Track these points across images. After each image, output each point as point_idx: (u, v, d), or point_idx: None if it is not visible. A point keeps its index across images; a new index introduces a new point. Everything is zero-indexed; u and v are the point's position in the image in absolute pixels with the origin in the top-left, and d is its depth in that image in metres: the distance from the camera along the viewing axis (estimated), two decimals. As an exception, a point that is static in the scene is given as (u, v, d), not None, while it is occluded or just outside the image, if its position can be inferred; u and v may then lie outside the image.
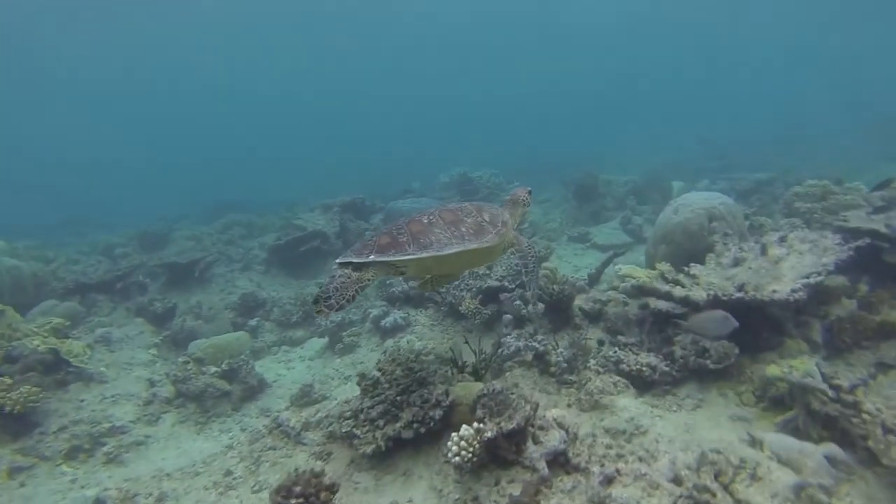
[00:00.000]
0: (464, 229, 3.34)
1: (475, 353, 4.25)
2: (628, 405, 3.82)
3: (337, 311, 2.92)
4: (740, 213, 5.43)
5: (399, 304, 6.80)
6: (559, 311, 5.01)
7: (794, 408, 3.27)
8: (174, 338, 7.21)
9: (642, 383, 4.04)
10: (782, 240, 4.59)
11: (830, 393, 3.02)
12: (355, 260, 3.11)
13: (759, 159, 18.22)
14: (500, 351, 4.53)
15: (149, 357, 6.47)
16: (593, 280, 6.25)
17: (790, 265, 4.23)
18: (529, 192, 4.10)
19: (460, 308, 5.84)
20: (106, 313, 7.72)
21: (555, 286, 4.92)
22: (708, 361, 3.90)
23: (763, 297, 3.65)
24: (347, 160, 32.58)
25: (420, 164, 26.91)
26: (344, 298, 2.94)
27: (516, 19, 48.85)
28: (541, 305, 5.03)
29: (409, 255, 3.15)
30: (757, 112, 34.67)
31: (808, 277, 3.86)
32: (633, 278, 4.67)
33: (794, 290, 3.67)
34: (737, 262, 4.72)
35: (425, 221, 3.34)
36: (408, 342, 6.05)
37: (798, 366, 3.48)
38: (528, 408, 3.08)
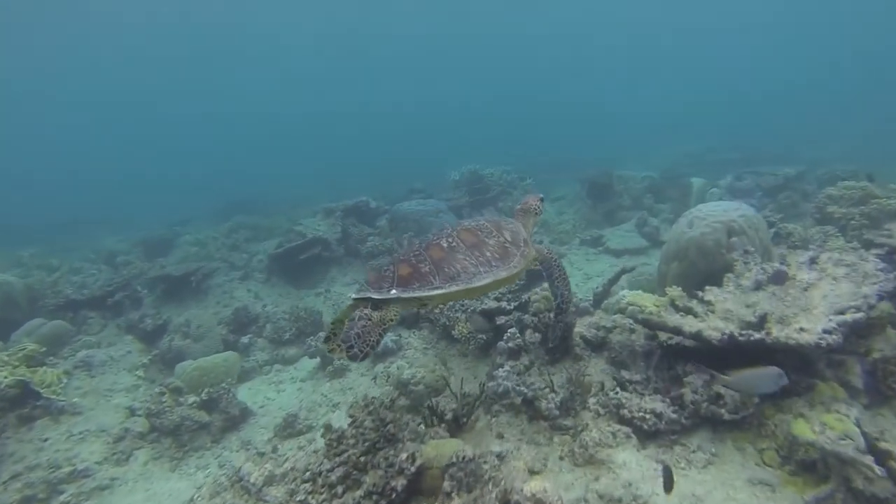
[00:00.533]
0: (488, 253, 3.08)
1: (456, 398, 3.80)
2: (628, 460, 3.32)
3: (361, 360, 2.66)
4: (763, 225, 4.81)
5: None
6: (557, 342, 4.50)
7: (828, 480, 2.72)
8: (163, 358, 6.95)
9: (646, 432, 3.53)
10: (813, 261, 3.99)
11: (878, 470, 2.46)
12: (375, 296, 2.77)
13: (785, 150, 17.21)
14: (483, 396, 4.06)
15: (133, 381, 6.20)
16: (599, 299, 5.71)
17: (822, 294, 3.64)
18: (541, 200, 3.88)
19: (453, 333, 5.39)
20: (96, 331, 7.51)
21: (551, 314, 4.41)
22: (723, 410, 3.37)
23: (787, 341, 3.09)
24: (360, 157, 32.32)
25: (432, 162, 26.50)
26: (368, 345, 2.66)
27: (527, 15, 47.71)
28: (537, 335, 4.54)
29: (436, 289, 2.83)
30: (780, 101, 33.33)
31: (843, 313, 3.28)
32: (639, 307, 4.13)
33: (826, 332, 3.09)
34: (759, 286, 4.13)
35: (445, 246, 3.05)
36: (398, 368, 5.63)
37: (833, 424, 2.93)
38: (502, 483, 2.62)
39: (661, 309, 4.07)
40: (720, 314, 3.93)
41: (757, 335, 3.23)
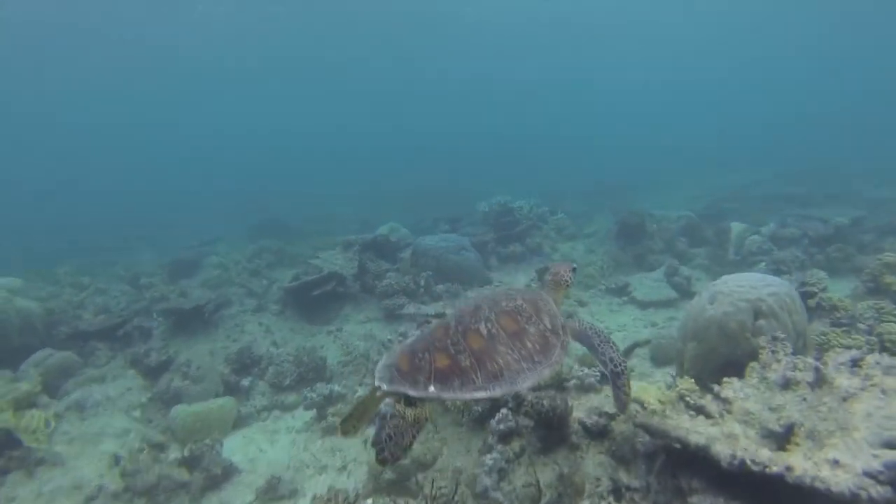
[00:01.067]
0: (529, 345, 2.79)
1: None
2: None
3: (394, 463, 2.38)
4: (798, 306, 4.20)
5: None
6: (551, 429, 4.04)
7: None
8: (161, 398, 6.86)
9: (642, 563, 3.02)
10: (855, 363, 3.39)
11: None
12: (412, 393, 2.45)
13: (842, 188, 15.96)
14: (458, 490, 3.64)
15: (125, 424, 6.10)
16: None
17: (866, 410, 3.04)
18: (573, 270, 3.54)
19: (446, 402, 5.00)
20: (103, 363, 7.51)
21: (545, 402, 3.96)
22: (734, 550, 2.82)
23: (815, 484, 2.54)
24: (406, 181, 32.49)
25: (468, 191, 26.50)
26: (400, 448, 2.35)
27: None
28: (529, 422, 4.09)
29: (479, 390, 2.52)
30: (839, 128, 31.55)
31: (894, 446, 2.69)
32: (641, 403, 3.63)
33: (867, 474, 2.52)
34: (787, 383, 3.56)
35: (485, 333, 2.73)
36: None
37: None
38: None
39: (668, 406, 3.55)
40: (738, 416, 3.39)
41: (775, 468, 2.69)
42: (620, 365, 3.26)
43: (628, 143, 40.07)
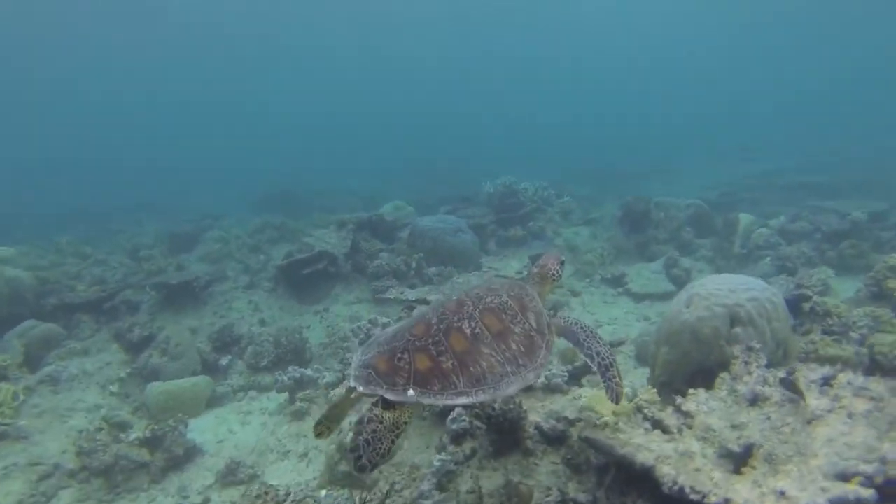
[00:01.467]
0: (514, 346, 2.67)
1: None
2: None
3: (372, 471, 2.25)
4: (780, 311, 3.85)
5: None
6: (503, 433, 3.83)
7: None
8: (140, 373, 6.86)
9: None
10: (826, 382, 3.09)
11: None
12: (390, 397, 2.32)
13: (871, 175, 15.08)
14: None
15: (99, 399, 6.12)
16: (578, 374, 4.91)
17: (829, 435, 2.77)
18: (562, 264, 3.37)
19: (424, 407, 4.83)
20: (87, 336, 7.54)
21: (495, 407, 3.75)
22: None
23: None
24: (422, 154, 32.11)
25: (477, 170, 26.06)
26: (378, 454, 2.24)
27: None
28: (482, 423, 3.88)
29: (461, 395, 2.40)
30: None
31: (847, 479, 2.42)
32: (595, 414, 3.39)
33: (812, 511, 2.27)
34: (756, 398, 3.28)
35: (468, 333, 2.60)
36: (349, 425, 5.16)
37: None
38: None
39: (623, 419, 3.31)
40: (698, 431, 3.15)
41: (714, 499, 2.44)
42: (608, 357, 3.05)
43: (645, 127, 38.80)
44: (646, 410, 3.35)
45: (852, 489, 2.36)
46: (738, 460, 2.90)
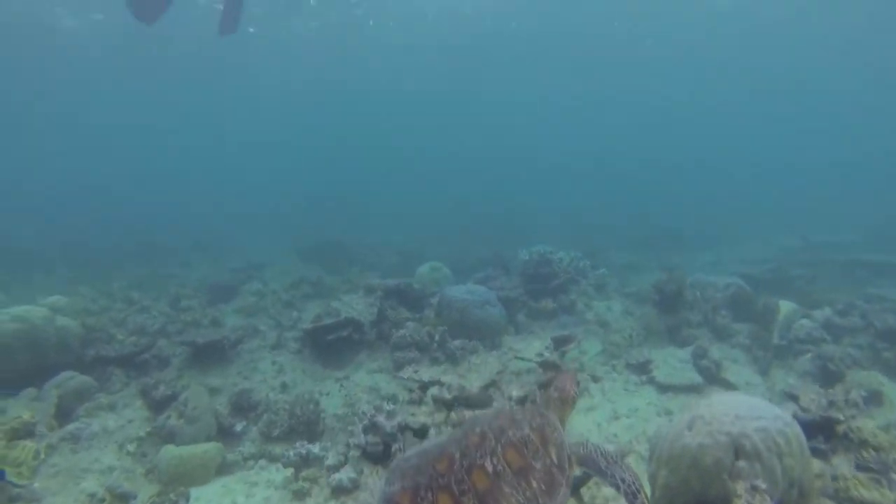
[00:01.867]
0: (535, 485, 2.73)
1: None
2: None
3: None
4: (795, 445, 3.51)
5: (357, 455, 5.80)
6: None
7: None
8: (159, 433, 7.07)
9: None
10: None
11: None
12: None
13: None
14: None
15: (114, 460, 6.32)
16: (577, 485, 4.63)
17: None
18: (578, 384, 3.50)
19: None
20: (117, 389, 7.87)
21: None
22: None
23: None
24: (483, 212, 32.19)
25: (529, 225, 26.04)
26: None
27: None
28: None
29: None
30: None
31: None
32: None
33: None
34: (758, 554, 2.98)
35: (490, 471, 2.67)
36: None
37: None
38: None
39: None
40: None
41: None
42: (634, 484, 3.01)
43: (702, 185, 37.76)
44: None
45: None
46: None
